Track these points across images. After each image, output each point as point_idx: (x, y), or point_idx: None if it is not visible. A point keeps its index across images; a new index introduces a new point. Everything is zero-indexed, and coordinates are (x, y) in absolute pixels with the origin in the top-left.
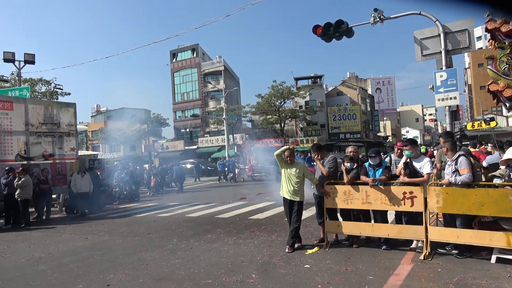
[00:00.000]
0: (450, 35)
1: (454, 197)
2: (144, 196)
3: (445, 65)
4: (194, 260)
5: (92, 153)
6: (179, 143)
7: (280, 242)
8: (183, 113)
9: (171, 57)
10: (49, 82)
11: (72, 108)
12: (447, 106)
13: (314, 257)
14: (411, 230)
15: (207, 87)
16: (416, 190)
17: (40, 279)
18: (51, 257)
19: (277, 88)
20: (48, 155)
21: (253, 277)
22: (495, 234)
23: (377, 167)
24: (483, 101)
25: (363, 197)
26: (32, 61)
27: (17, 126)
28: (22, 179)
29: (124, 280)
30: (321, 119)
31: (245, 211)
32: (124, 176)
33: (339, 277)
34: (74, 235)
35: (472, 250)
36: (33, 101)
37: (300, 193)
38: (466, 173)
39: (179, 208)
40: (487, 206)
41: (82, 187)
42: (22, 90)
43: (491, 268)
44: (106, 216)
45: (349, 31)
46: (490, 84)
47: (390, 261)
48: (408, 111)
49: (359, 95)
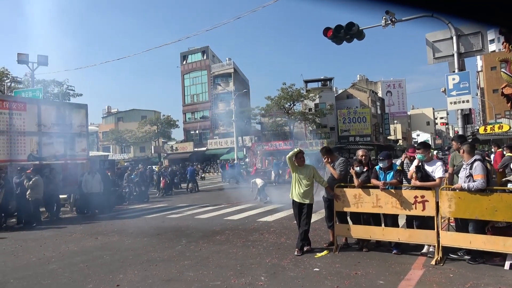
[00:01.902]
0: (463, 37)
1: (467, 201)
2: (154, 197)
3: (458, 68)
4: (203, 262)
5: (103, 154)
6: (189, 145)
7: (289, 245)
8: (192, 114)
9: (181, 59)
10: (61, 84)
11: (83, 109)
12: (459, 110)
13: (323, 261)
14: (423, 234)
15: (217, 89)
16: (428, 194)
17: (50, 278)
18: (62, 256)
19: (287, 91)
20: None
21: (262, 280)
22: (509, 240)
23: (388, 170)
24: (496, 104)
25: (374, 201)
26: (45, 63)
27: (30, 126)
28: (33, 180)
29: (133, 280)
30: (330, 121)
31: (254, 213)
32: (134, 177)
33: (349, 281)
34: (84, 235)
35: (485, 256)
36: (46, 102)
37: (309, 196)
38: (480, 179)
39: (188, 210)
40: (500, 211)
41: (93, 187)
42: (35, 91)
43: (504, 275)
44: (116, 217)
45: (360, 33)
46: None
47: (401, 266)
48: (419, 114)
49: (369, 98)
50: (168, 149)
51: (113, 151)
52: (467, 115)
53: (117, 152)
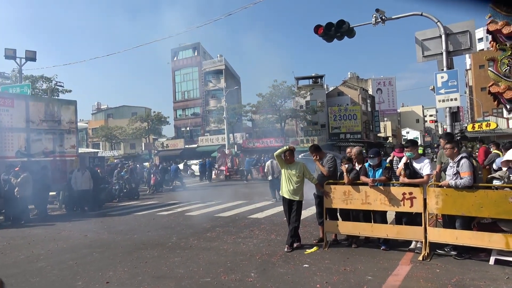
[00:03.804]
0: (451, 36)
1: (454, 198)
2: (144, 194)
3: (446, 66)
4: (193, 259)
5: (92, 151)
6: (179, 142)
7: (279, 241)
8: (183, 111)
9: (172, 55)
10: (50, 79)
11: (72, 105)
12: (447, 107)
13: (313, 257)
14: (410, 230)
15: (208, 85)
16: (416, 191)
17: (39, 275)
18: (51, 254)
19: (278, 88)
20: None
21: (252, 276)
22: (493, 236)
23: (377, 167)
24: (484, 102)
25: (363, 198)
26: (33, 58)
27: (18, 123)
28: (22, 176)
29: (123, 277)
30: (321, 119)
31: (245, 210)
32: (124, 174)
33: (338, 277)
34: (73, 232)
35: (470, 251)
36: (34, 98)
37: (299, 193)
38: (467, 177)
39: (179, 207)
40: (486, 207)
41: (82, 184)
42: (23, 87)
43: (489, 270)
44: (106, 214)
45: (350, 31)
46: (491, 86)
47: (389, 262)
48: (409, 112)
49: (359, 95)
50: (159, 146)
51: (103, 148)
52: (455, 113)
53: (107, 149)
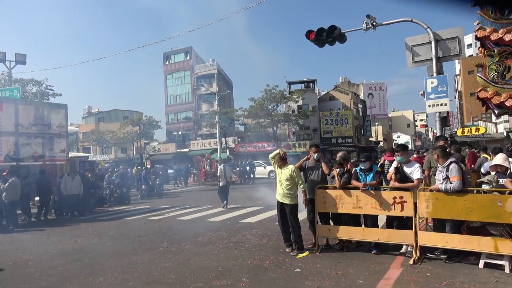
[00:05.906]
0: (441, 42)
1: (443, 202)
2: (135, 199)
3: (436, 72)
4: (185, 264)
5: (83, 155)
6: (171, 146)
7: (271, 246)
8: (175, 115)
9: (164, 59)
10: (40, 83)
11: (63, 109)
12: (437, 112)
13: (304, 261)
14: (401, 234)
15: (200, 90)
16: (406, 195)
17: (28, 282)
18: (40, 260)
19: (270, 92)
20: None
21: (243, 281)
22: (483, 239)
23: (368, 171)
24: (473, 107)
25: (354, 202)
26: (23, 62)
27: (7, 126)
28: (9, 181)
29: (113, 283)
30: (313, 123)
31: (237, 215)
32: (115, 179)
33: (329, 281)
34: (63, 237)
35: (460, 255)
36: (24, 101)
37: (290, 196)
38: (456, 181)
39: (170, 211)
40: (475, 211)
41: (72, 189)
42: (12, 90)
43: (479, 273)
44: (96, 219)
45: (341, 36)
46: (480, 91)
47: (380, 266)
48: (400, 116)
49: (351, 100)
50: (150, 150)
51: (94, 152)
52: (445, 117)
53: (98, 153)
